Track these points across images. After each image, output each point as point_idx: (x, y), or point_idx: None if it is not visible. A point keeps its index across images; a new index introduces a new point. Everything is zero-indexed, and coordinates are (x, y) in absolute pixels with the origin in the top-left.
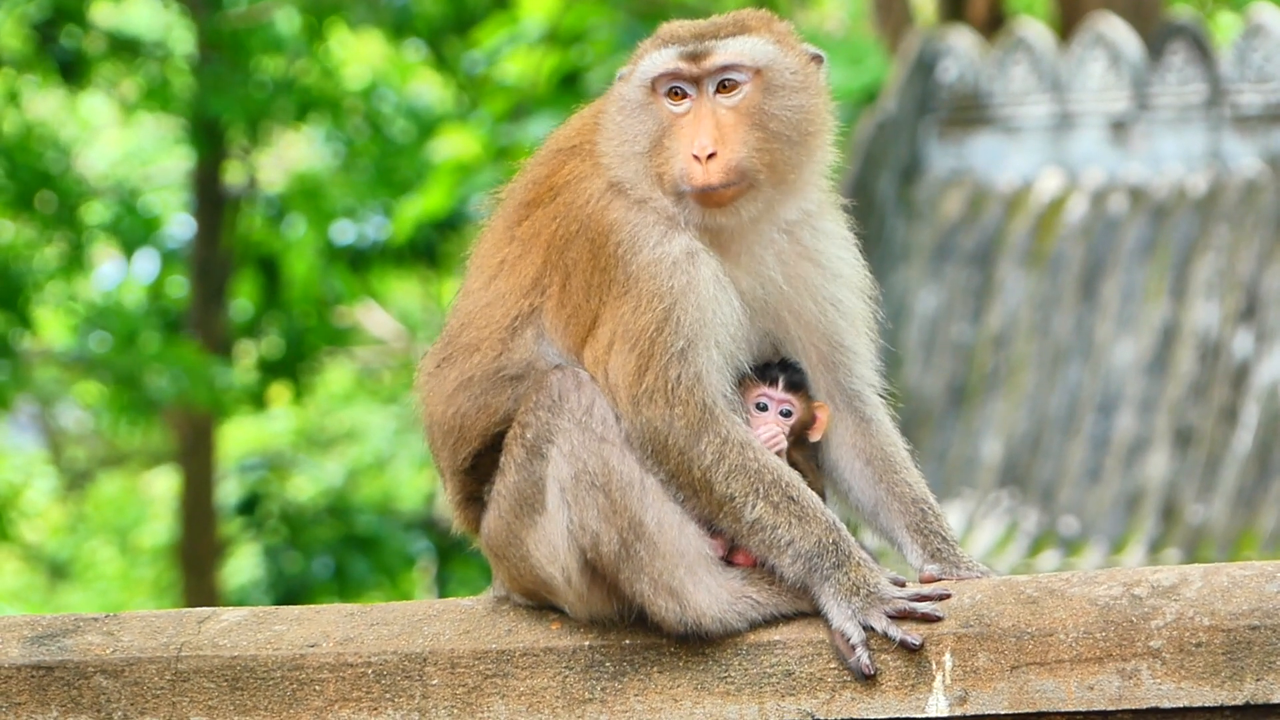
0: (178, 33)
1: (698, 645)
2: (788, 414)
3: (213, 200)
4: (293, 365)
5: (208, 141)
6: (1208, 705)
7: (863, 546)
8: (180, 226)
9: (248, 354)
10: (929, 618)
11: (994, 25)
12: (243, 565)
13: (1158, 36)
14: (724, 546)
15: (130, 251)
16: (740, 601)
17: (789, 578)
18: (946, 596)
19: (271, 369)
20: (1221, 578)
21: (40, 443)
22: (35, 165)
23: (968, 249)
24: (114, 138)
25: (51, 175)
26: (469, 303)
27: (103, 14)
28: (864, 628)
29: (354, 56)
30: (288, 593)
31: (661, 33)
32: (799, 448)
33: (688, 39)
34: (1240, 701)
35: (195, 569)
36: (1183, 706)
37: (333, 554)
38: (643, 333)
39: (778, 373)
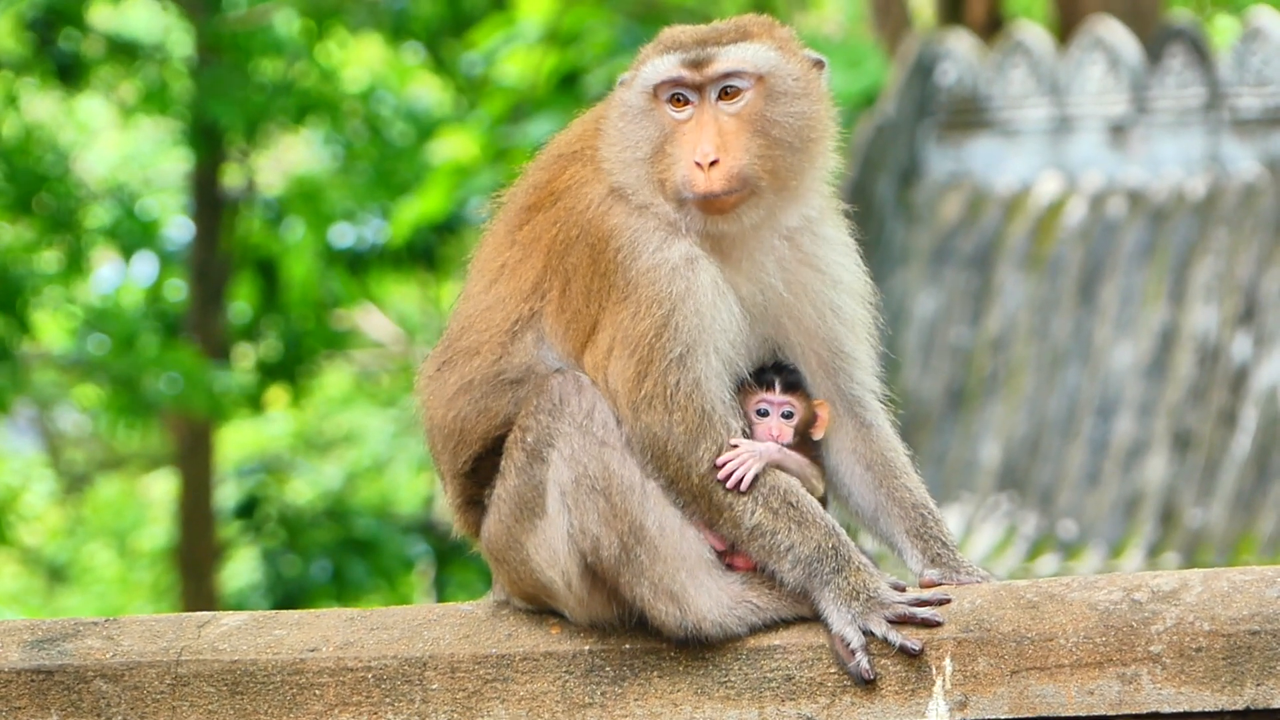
0: (176, 35)
1: (698, 650)
2: (789, 415)
3: (211, 203)
4: (291, 368)
5: (206, 144)
6: (1208, 710)
7: (862, 551)
8: (179, 229)
9: (246, 357)
10: (929, 623)
11: (993, 28)
12: (241, 568)
13: (1156, 40)
14: (723, 541)
15: (129, 254)
16: (740, 606)
17: (789, 583)
18: (946, 601)
19: (270, 372)
20: (1221, 583)
21: (39, 446)
22: (34, 168)
23: (966, 252)
24: (112, 140)
25: (50, 178)
26: (469, 306)
27: (101, 16)
28: (864, 633)
29: (353, 59)
30: (286, 596)
31: (663, 38)
32: (804, 448)
33: (690, 45)
34: (1240, 706)
35: (193, 572)
36: (1183, 711)
37: (331, 557)
38: (642, 338)
39: (773, 376)
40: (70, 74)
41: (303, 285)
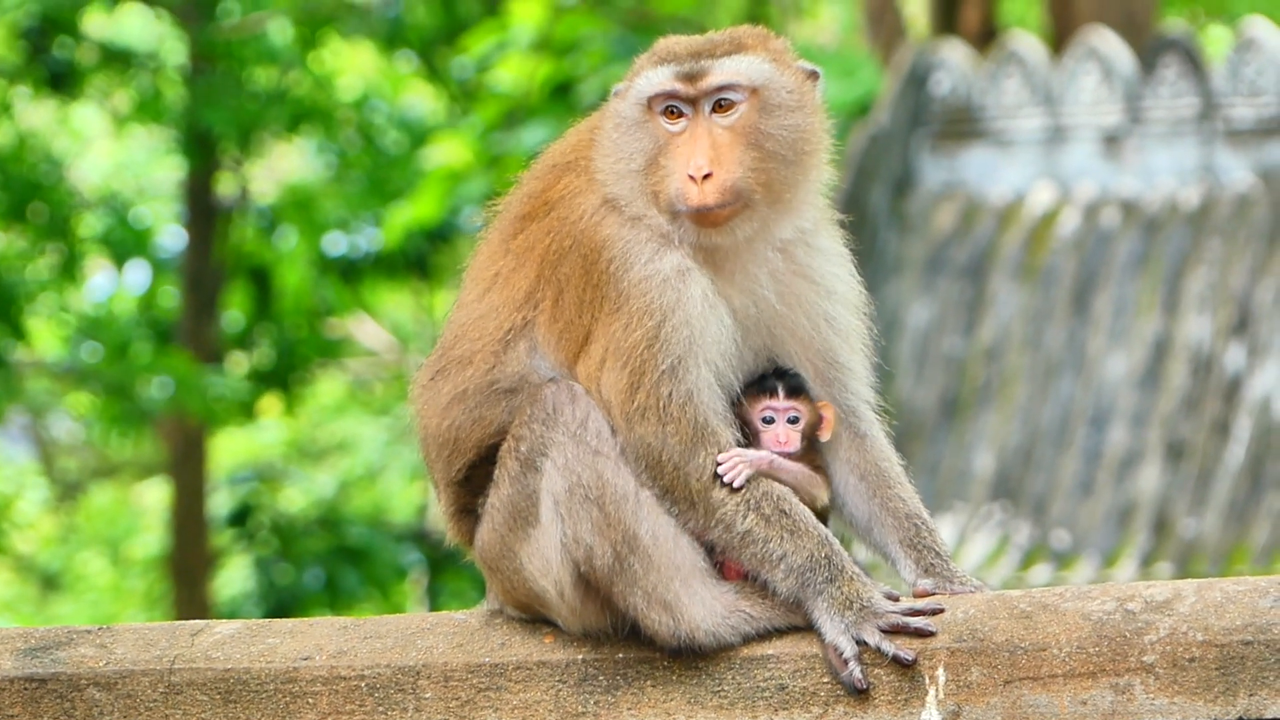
0: (170, 44)
1: (691, 659)
2: (795, 420)
3: (204, 211)
4: (284, 376)
5: (200, 152)
6: None
7: (855, 561)
8: (172, 237)
9: (239, 365)
10: (922, 632)
11: (986, 38)
12: (234, 577)
13: (1150, 50)
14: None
15: (122, 262)
16: (734, 615)
17: (782, 592)
18: (940, 611)
19: (263, 380)
20: (1215, 593)
21: (32, 454)
22: (27, 176)
23: (960, 262)
24: (106, 149)
25: (43, 186)
26: (463, 315)
27: (95, 25)
28: (857, 642)
29: (346, 68)
30: (279, 604)
31: (658, 50)
32: (808, 456)
33: (684, 57)
34: (1233, 717)
35: (186, 580)
36: None
37: (324, 566)
38: (634, 350)
39: (775, 381)
40: (64, 82)
41: (296, 293)
